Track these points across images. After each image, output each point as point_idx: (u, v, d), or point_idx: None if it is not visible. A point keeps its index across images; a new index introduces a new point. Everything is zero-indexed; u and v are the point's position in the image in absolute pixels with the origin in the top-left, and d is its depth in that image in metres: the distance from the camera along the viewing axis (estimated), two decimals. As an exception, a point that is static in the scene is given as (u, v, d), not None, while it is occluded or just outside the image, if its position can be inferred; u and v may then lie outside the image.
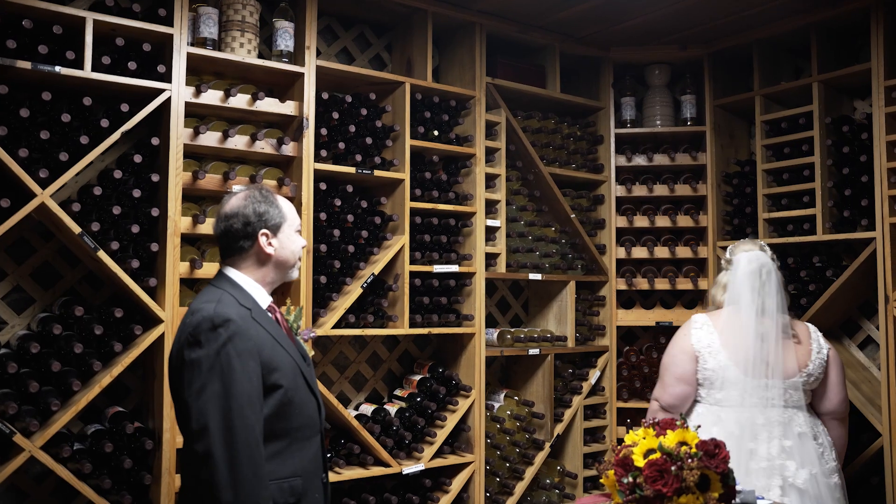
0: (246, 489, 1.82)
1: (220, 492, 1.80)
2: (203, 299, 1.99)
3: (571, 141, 4.18)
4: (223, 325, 1.89)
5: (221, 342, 1.88)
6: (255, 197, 2.07)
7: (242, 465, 1.82)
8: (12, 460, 2.53)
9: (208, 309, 1.93)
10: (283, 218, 2.09)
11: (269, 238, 2.06)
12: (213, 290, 2.02)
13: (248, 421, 1.85)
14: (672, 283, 4.13)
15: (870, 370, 3.76)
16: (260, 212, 2.05)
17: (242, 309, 1.98)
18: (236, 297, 2.00)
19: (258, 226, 2.04)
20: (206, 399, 1.84)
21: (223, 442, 1.82)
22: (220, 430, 1.82)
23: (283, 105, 3.15)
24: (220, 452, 1.81)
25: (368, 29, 3.81)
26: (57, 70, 2.64)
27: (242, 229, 2.03)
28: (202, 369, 1.86)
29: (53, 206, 2.62)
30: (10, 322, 2.87)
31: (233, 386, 1.85)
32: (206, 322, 1.90)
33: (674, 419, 2.13)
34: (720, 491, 2.01)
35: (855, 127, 3.64)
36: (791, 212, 3.78)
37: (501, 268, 3.78)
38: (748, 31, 3.94)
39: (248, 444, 1.84)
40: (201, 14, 3.02)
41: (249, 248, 2.05)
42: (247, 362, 1.89)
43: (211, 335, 1.88)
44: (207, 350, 1.87)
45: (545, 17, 3.79)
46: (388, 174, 3.40)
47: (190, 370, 1.88)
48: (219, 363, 1.86)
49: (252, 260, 2.07)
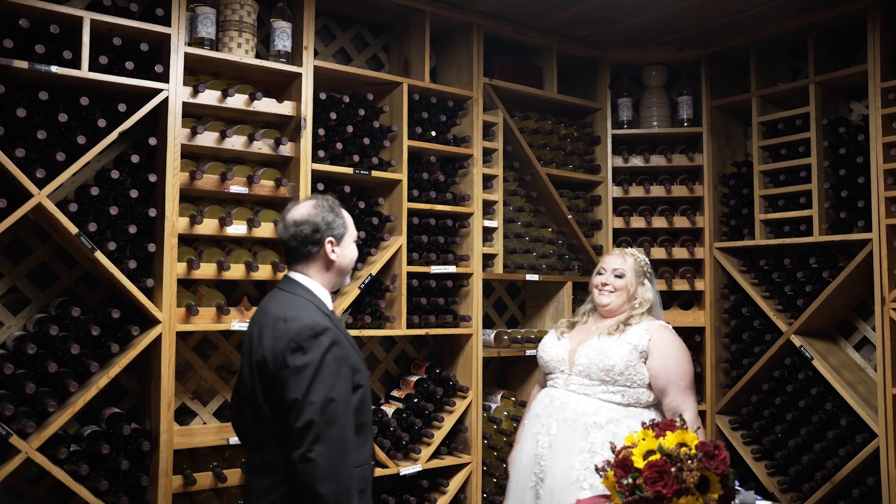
0: (343, 482, 2.01)
1: (320, 485, 1.98)
2: (290, 306, 2.14)
3: (568, 142, 4.18)
4: (324, 332, 2.07)
5: (324, 349, 2.05)
6: (324, 206, 2.24)
7: (341, 460, 2.02)
8: (8, 462, 2.51)
9: (305, 317, 2.09)
10: (346, 228, 2.26)
11: (334, 245, 2.22)
12: (292, 297, 2.17)
13: (346, 420, 2.05)
14: (669, 283, 4.13)
15: (866, 371, 3.78)
16: (329, 220, 2.22)
17: (325, 316, 2.15)
18: (316, 304, 2.17)
19: (326, 233, 2.20)
20: (311, 400, 2.01)
21: (325, 440, 2.00)
22: (323, 428, 2.00)
23: (280, 105, 3.14)
24: (322, 449, 1.99)
25: (366, 29, 3.81)
26: (54, 70, 2.63)
27: (311, 235, 2.19)
28: (308, 373, 2.03)
29: (50, 207, 2.61)
30: (7, 323, 2.86)
31: (334, 389, 2.04)
32: (308, 330, 2.06)
33: (673, 420, 2.13)
34: (720, 492, 2.01)
35: (851, 128, 3.65)
36: (787, 213, 3.79)
37: (498, 268, 3.77)
38: (745, 32, 3.94)
39: (346, 442, 2.04)
40: (199, 14, 3.01)
41: (316, 253, 2.21)
42: (343, 367, 2.09)
43: (314, 342, 2.05)
44: (312, 356, 2.04)
45: (542, 17, 3.79)
46: (386, 175, 3.40)
47: (296, 374, 2.03)
48: (323, 368, 2.04)
49: (318, 265, 2.23)
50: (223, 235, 3.02)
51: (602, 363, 2.79)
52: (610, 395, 2.80)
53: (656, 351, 2.82)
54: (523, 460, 2.91)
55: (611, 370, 2.78)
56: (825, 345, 3.80)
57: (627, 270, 2.97)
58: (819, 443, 3.60)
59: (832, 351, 3.79)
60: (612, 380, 2.79)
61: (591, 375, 2.81)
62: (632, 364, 2.79)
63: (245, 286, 3.33)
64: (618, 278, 2.97)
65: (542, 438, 2.83)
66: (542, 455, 2.81)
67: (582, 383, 2.83)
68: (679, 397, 2.80)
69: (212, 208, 3.09)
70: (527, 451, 2.89)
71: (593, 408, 2.79)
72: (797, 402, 3.72)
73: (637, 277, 2.98)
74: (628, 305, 2.97)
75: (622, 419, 2.77)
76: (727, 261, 4.09)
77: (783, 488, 3.73)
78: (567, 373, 2.90)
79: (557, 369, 2.93)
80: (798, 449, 3.68)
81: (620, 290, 2.96)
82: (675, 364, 2.83)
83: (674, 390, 2.79)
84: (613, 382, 2.80)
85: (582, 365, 2.83)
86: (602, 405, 2.79)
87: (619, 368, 2.78)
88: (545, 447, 2.81)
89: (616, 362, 2.78)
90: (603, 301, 2.98)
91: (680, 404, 2.79)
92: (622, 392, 2.80)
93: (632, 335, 2.85)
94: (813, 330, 3.78)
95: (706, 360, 4.10)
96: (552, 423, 2.82)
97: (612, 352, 2.80)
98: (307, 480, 1.99)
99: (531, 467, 2.85)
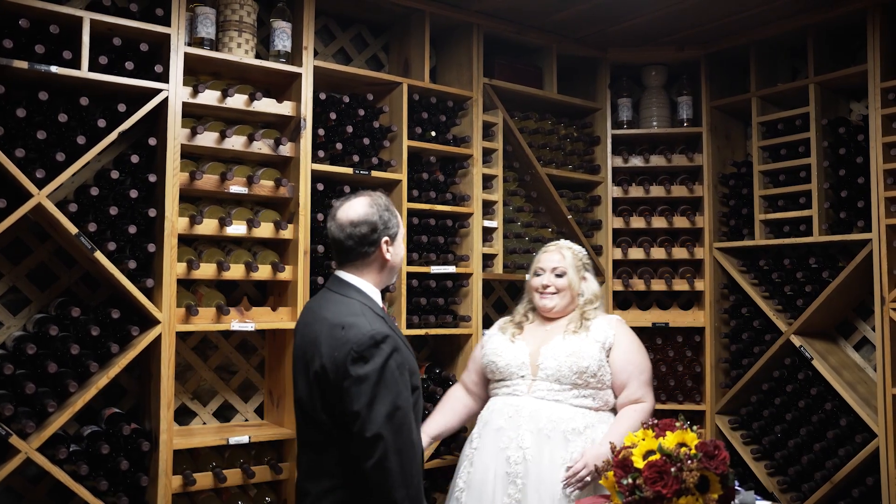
0: (415, 487, 2.04)
1: (394, 491, 2.00)
2: (345, 311, 2.12)
3: (568, 142, 4.18)
4: (384, 340, 2.05)
5: (385, 357, 2.04)
6: (381, 205, 2.22)
7: (411, 466, 2.03)
8: (8, 462, 2.51)
9: (363, 325, 2.07)
10: (399, 227, 2.27)
11: (389, 245, 2.21)
12: (345, 301, 2.16)
13: (411, 426, 2.06)
14: (668, 284, 4.13)
15: (865, 371, 3.78)
16: (386, 219, 2.20)
17: (381, 319, 2.14)
18: (370, 307, 2.15)
19: (383, 233, 2.19)
20: (377, 411, 2.00)
21: (395, 448, 2.00)
22: (392, 437, 2.00)
23: (280, 105, 3.14)
24: (394, 457, 2.00)
25: (366, 29, 3.81)
26: (53, 70, 2.62)
27: (368, 235, 2.17)
28: (370, 383, 2.01)
29: (50, 207, 2.61)
30: (6, 323, 2.86)
31: (399, 397, 2.03)
32: (368, 339, 2.04)
33: (673, 420, 2.13)
34: (719, 492, 2.02)
35: (851, 128, 3.65)
36: (787, 213, 3.79)
37: (498, 269, 3.77)
38: (745, 32, 3.94)
39: (414, 447, 2.06)
40: (198, 14, 3.01)
41: (372, 253, 2.19)
42: (404, 373, 2.08)
43: (375, 351, 2.03)
44: (374, 365, 2.02)
45: (542, 17, 3.79)
46: (386, 175, 3.40)
47: (358, 385, 2.02)
48: (385, 377, 2.03)
49: (373, 265, 2.21)
50: (223, 235, 3.02)
51: (575, 365, 2.63)
52: (582, 399, 2.65)
53: (620, 345, 2.72)
54: (488, 481, 2.65)
55: (584, 372, 2.63)
56: (825, 345, 3.80)
57: (568, 267, 2.77)
58: (819, 443, 3.60)
59: (832, 351, 3.79)
60: (585, 382, 2.63)
61: (562, 379, 2.63)
62: (603, 363, 2.66)
63: (245, 286, 3.33)
64: (559, 277, 2.77)
65: (512, 454, 2.61)
66: (518, 472, 2.59)
67: (551, 388, 2.64)
68: (640, 390, 2.71)
69: (211, 208, 3.09)
70: (492, 469, 2.65)
71: (569, 414, 2.62)
72: (797, 402, 3.72)
73: (578, 273, 2.79)
74: (573, 305, 2.78)
75: (596, 424, 2.66)
76: (727, 261, 4.09)
77: (783, 488, 3.74)
78: (530, 378, 2.68)
79: (516, 375, 2.72)
80: (798, 449, 3.68)
81: (563, 290, 2.76)
82: (637, 357, 2.75)
83: (635, 383, 2.70)
84: (586, 385, 2.64)
85: (550, 369, 2.65)
86: (576, 411, 2.63)
87: (593, 370, 2.64)
88: (518, 462, 2.60)
89: (590, 363, 2.64)
90: (547, 305, 2.77)
91: (641, 397, 2.70)
92: (594, 395, 2.67)
93: (597, 331, 2.70)
94: (813, 330, 3.78)
95: (706, 360, 4.10)
96: (523, 434, 2.61)
97: (584, 352, 2.64)
98: (382, 488, 2.00)
99: (503, 488, 2.61)
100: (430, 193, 3.58)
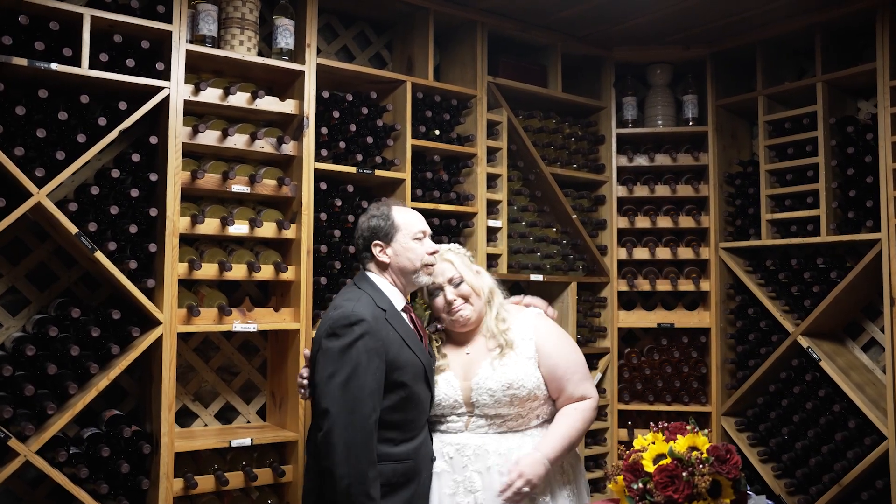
0: (357, 467, 2.09)
1: (336, 467, 2.08)
2: (345, 297, 2.31)
3: (573, 141, 4.15)
4: (357, 323, 2.18)
5: (354, 337, 2.16)
6: (370, 212, 2.41)
7: (356, 447, 2.10)
8: (7, 465, 2.48)
9: (348, 307, 2.22)
10: (395, 228, 2.37)
11: (383, 248, 2.36)
12: (354, 290, 2.34)
13: (365, 410, 2.13)
14: (674, 284, 4.10)
15: (874, 373, 3.74)
16: (374, 226, 2.37)
17: (378, 310, 2.26)
18: (374, 299, 2.29)
19: (370, 239, 2.37)
20: (333, 385, 2.13)
21: (341, 424, 2.10)
22: (340, 414, 2.11)
23: (283, 104, 3.11)
24: (339, 433, 2.10)
25: (369, 27, 3.77)
26: (54, 67, 2.59)
27: (362, 242, 2.40)
28: (333, 358, 2.16)
29: (50, 206, 2.58)
30: (5, 324, 2.82)
31: (356, 377, 2.13)
32: (344, 318, 2.19)
33: (684, 424, 2.10)
34: (731, 497, 1.99)
35: (860, 127, 3.61)
36: (794, 213, 3.75)
37: (503, 269, 3.74)
38: (751, 31, 3.91)
39: (362, 430, 2.11)
40: (200, 11, 2.98)
41: (371, 257, 2.39)
42: (372, 359, 2.17)
43: (347, 330, 2.17)
44: (341, 342, 2.16)
45: (547, 16, 3.76)
46: (389, 174, 3.36)
47: (323, 357, 2.18)
48: (348, 355, 2.15)
49: (376, 267, 2.40)
50: (225, 235, 2.98)
51: (515, 397, 2.37)
52: (527, 419, 2.42)
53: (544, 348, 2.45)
54: None
55: (525, 398, 2.39)
56: (833, 346, 3.76)
57: (462, 270, 2.49)
58: (826, 445, 3.57)
59: (840, 352, 3.76)
60: (527, 406, 2.40)
61: (502, 412, 2.38)
62: (539, 378, 2.42)
63: (247, 286, 3.30)
64: (459, 286, 2.47)
65: (462, 499, 2.33)
66: None
67: (492, 423, 2.39)
68: (579, 388, 2.44)
69: (213, 208, 3.06)
70: None
71: (517, 442, 2.38)
72: (804, 403, 3.69)
73: (471, 270, 2.53)
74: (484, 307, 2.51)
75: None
76: (733, 261, 4.05)
77: (790, 491, 3.70)
78: (467, 415, 2.42)
79: (453, 413, 2.42)
80: (805, 451, 3.65)
81: (469, 295, 2.48)
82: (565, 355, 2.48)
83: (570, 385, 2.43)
84: (528, 406, 2.41)
85: (488, 406, 2.38)
86: (522, 436, 2.40)
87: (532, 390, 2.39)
88: None
89: (530, 387, 2.38)
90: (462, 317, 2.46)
91: (583, 394, 2.44)
92: (539, 410, 2.44)
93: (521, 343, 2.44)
94: (820, 331, 3.74)
95: (711, 361, 4.07)
96: (471, 476, 2.34)
97: (519, 377, 2.38)
98: (326, 461, 2.11)
99: None
100: (434, 193, 3.54)
